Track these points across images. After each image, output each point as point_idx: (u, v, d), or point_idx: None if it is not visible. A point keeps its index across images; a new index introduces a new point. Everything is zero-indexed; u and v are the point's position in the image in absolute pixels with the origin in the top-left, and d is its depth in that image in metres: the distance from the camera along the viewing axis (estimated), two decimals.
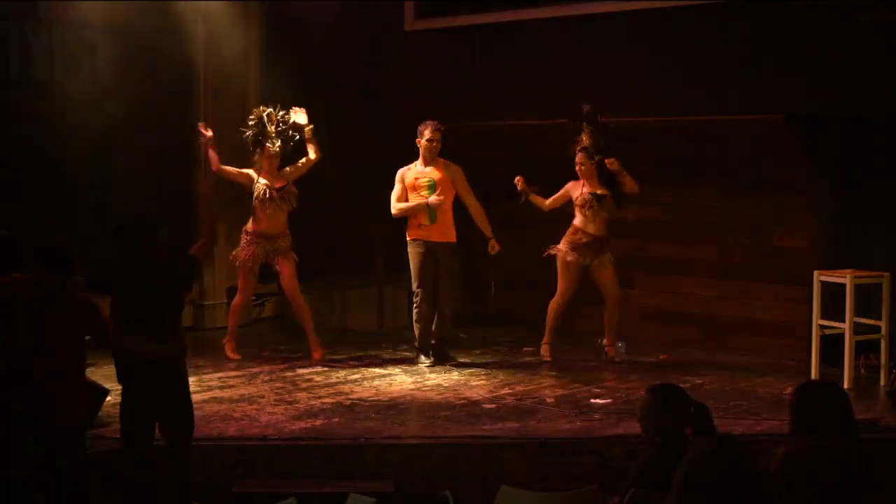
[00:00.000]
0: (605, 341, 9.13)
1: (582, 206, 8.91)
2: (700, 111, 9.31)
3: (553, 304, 9.08)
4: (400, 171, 9.02)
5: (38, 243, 5.62)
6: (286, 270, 8.95)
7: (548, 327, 9.13)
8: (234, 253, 9.03)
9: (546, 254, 9.02)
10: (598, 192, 8.88)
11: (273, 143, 8.87)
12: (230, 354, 8.98)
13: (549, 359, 9.07)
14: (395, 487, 6.12)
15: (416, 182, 8.91)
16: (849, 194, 8.81)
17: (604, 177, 8.88)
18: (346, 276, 10.72)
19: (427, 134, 8.87)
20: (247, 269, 8.95)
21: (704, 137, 9.64)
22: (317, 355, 9.01)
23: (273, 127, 8.88)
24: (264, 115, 8.90)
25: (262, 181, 8.86)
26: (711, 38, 8.94)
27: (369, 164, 10.20)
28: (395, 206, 8.98)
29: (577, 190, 8.94)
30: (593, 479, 5.78)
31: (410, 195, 8.94)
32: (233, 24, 10.21)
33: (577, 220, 8.95)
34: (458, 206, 9.05)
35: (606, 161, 8.76)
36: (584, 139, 8.89)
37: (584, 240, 8.90)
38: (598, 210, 8.88)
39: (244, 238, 8.96)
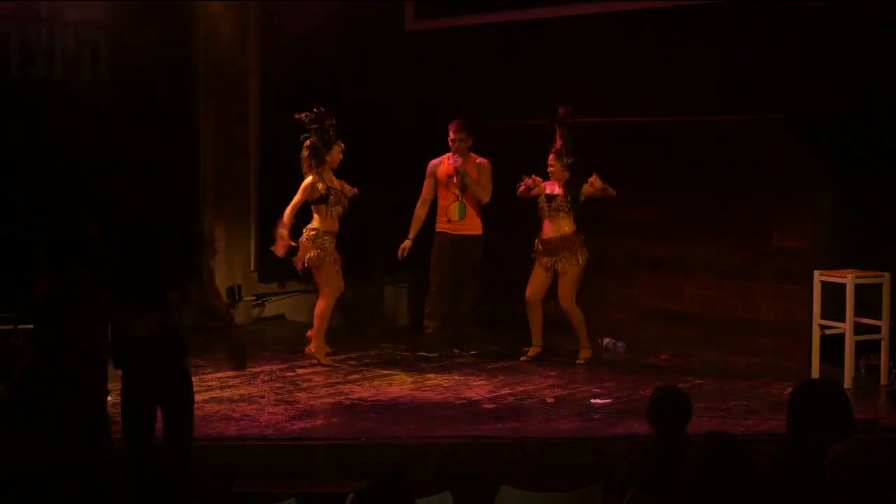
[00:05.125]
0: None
1: (538, 211, 8.97)
2: (700, 111, 9.32)
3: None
4: (431, 163, 9.24)
5: (46, 241, 5.69)
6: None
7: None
8: (310, 256, 8.61)
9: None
10: (552, 191, 8.87)
11: (339, 144, 8.69)
12: (324, 361, 8.74)
13: (529, 357, 9.12)
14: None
15: (447, 178, 9.13)
16: (849, 194, 8.81)
17: (575, 179, 8.86)
18: (347, 275, 10.72)
19: (450, 134, 9.07)
20: (331, 268, 8.71)
21: (704, 137, 9.64)
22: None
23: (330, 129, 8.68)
24: (317, 116, 8.67)
25: (334, 181, 8.69)
26: (712, 38, 8.94)
27: (369, 164, 10.19)
28: (418, 209, 9.24)
29: (547, 188, 8.95)
30: (593, 479, 5.77)
31: (441, 190, 9.16)
32: (232, 25, 10.21)
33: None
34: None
35: (589, 180, 8.76)
36: (557, 142, 8.91)
37: (541, 246, 8.95)
38: (549, 211, 8.88)
39: (315, 238, 8.62)
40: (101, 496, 5.55)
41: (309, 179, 8.62)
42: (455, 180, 9.06)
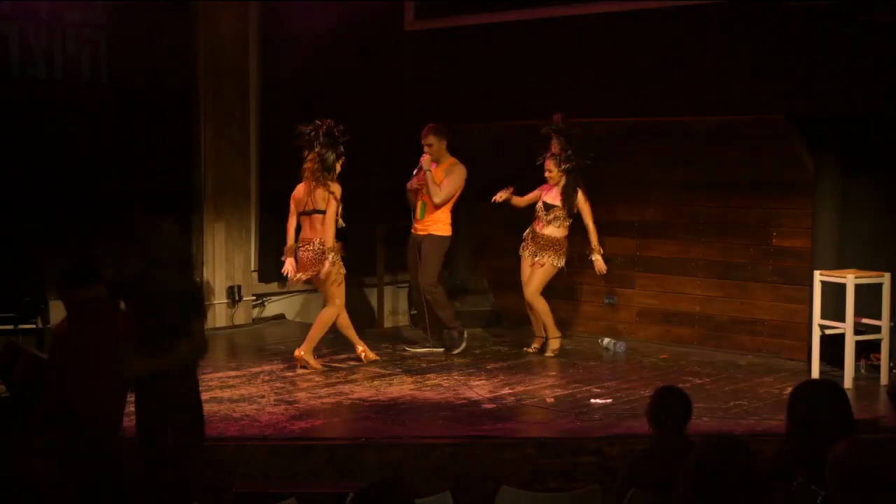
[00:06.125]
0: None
1: (536, 212, 9.22)
2: (700, 111, 9.32)
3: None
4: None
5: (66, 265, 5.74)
6: None
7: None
8: (326, 271, 8.54)
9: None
10: (551, 201, 9.13)
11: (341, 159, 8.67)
12: (315, 365, 8.68)
13: (531, 350, 9.40)
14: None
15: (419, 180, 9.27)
16: (849, 194, 8.81)
17: (569, 185, 9.03)
18: (347, 275, 10.74)
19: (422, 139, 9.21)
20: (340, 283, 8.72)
21: (704, 137, 9.64)
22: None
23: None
24: (328, 128, 8.59)
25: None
26: (711, 38, 8.93)
27: (369, 164, 10.20)
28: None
29: (544, 194, 9.20)
30: (593, 479, 5.78)
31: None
32: (233, 25, 10.21)
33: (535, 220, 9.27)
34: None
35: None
36: (554, 147, 9.04)
37: (531, 237, 9.22)
38: (546, 217, 9.12)
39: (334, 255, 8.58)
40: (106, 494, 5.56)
41: (339, 187, 8.51)
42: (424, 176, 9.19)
